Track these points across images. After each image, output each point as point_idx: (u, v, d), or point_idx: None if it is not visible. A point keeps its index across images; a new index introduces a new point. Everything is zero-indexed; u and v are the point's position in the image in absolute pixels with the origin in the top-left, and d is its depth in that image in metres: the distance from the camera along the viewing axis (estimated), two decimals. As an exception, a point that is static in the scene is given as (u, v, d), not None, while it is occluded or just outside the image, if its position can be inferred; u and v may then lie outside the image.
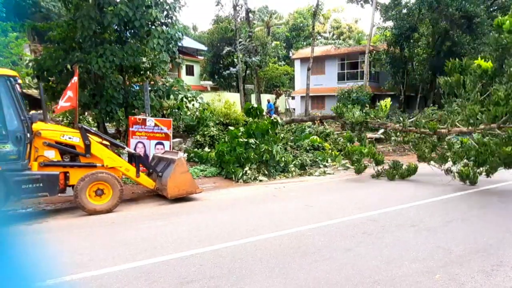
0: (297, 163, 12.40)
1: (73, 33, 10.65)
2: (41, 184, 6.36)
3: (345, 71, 29.16)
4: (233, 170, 10.84)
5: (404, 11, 22.36)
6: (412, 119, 21.01)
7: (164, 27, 11.35)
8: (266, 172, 11.18)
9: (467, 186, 8.42)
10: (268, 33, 43.67)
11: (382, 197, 7.62)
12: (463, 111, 8.30)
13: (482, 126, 8.02)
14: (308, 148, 14.40)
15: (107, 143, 7.69)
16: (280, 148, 13.66)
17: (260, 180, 10.69)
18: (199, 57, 40.36)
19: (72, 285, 3.74)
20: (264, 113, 15.56)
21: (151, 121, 10.63)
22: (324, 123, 19.60)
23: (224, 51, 26.40)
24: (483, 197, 7.28)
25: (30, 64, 11.87)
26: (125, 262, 4.23)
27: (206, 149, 13.37)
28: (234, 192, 9.02)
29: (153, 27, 11.30)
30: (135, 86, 13.69)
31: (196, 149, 13.20)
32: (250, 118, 13.04)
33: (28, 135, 6.26)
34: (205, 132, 14.07)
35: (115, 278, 3.82)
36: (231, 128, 12.50)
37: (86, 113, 14.99)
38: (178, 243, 4.87)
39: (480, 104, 7.95)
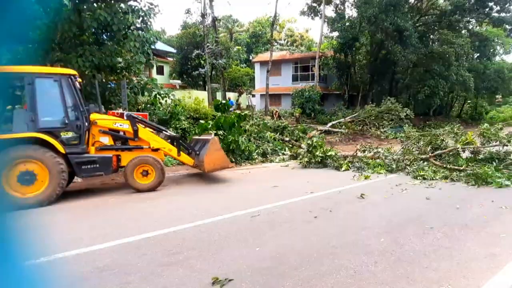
0: (259, 151, 12.57)
1: (52, 35, 10.00)
2: (97, 165, 6.76)
3: (298, 73, 29.68)
4: (203, 158, 10.74)
5: (348, 23, 23.12)
6: (354, 115, 21.85)
7: (140, 31, 10.97)
8: (233, 160, 11.23)
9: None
10: (231, 39, 43.29)
11: (331, 180, 7.96)
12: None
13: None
14: (271, 140, 14.60)
15: (151, 128, 7.99)
16: (245, 138, 13.76)
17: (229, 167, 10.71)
18: (168, 58, 39.10)
19: (65, 261, 3.60)
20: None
21: (128, 114, 10.26)
22: (281, 117, 19.93)
23: (194, 54, 25.79)
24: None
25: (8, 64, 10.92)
26: (114, 239, 4.13)
27: (180, 140, 13.12)
28: (205, 176, 8.97)
29: (130, 31, 10.89)
30: (111, 84, 13.12)
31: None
32: (219, 113, 12.98)
33: (86, 124, 6.68)
34: (177, 125, 13.77)
35: (106, 253, 3.73)
36: (202, 121, 12.35)
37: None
38: (162, 221, 4.82)
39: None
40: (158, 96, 14.18)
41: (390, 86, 27.49)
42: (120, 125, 7.28)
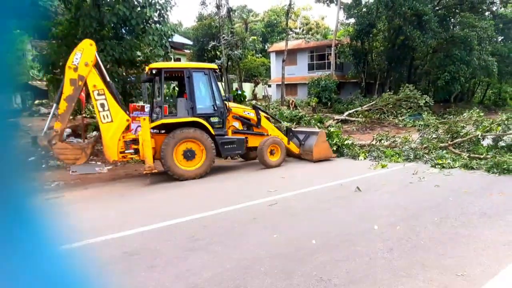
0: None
1: (74, 30, 10.29)
2: (235, 145, 7.97)
3: (314, 62, 29.25)
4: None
5: (364, 9, 22.48)
6: (371, 103, 21.45)
7: (157, 25, 11.12)
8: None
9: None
10: (246, 29, 43.01)
11: (348, 169, 7.95)
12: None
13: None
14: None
15: (268, 119, 9.12)
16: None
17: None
18: (185, 50, 39.35)
19: (96, 246, 3.83)
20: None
21: (149, 107, 10.52)
22: (298, 107, 19.83)
23: (210, 46, 25.80)
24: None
25: (36, 59, 11.38)
26: (141, 226, 4.34)
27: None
28: (222, 166, 9.14)
29: (148, 25, 11.06)
30: (131, 78, 13.42)
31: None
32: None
33: (226, 110, 7.94)
34: (196, 117, 14.01)
35: (134, 239, 3.94)
36: None
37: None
38: (186, 208, 5.01)
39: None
40: (177, 88, 14.41)
41: (409, 73, 26.72)
42: (248, 113, 8.58)
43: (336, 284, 2.75)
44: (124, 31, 11.65)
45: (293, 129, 9.87)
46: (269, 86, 32.85)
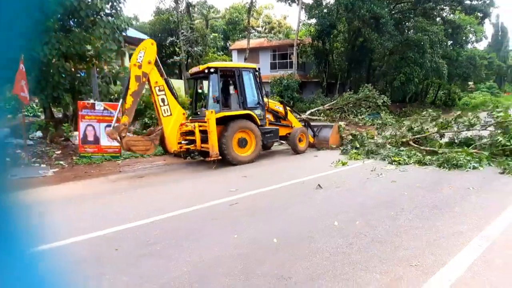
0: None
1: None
2: (272, 134, 9.48)
3: (277, 61, 29.69)
4: (181, 149, 10.69)
5: (325, 10, 23.24)
6: (332, 102, 22.16)
7: (109, 17, 10.60)
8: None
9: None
10: (207, 26, 42.55)
11: (309, 167, 8.13)
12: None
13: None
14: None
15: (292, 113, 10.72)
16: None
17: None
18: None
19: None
20: None
21: (100, 105, 10.00)
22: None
23: (168, 41, 25.13)
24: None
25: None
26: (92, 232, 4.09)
27: (155, 131, 12.93)
28: (176, 168, 8.93)
29: (99, 17, 10.49)
30: (81, 73, 12.69)
31: (144, 131, 12.71)
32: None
33: (265, 104, 9.45)
34: (153, 115, 13.56)
35: (83, 246, 3.70)
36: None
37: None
38: (138, 212, 4.80)
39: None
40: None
41: (368, 74, 28.05)
42: (278, 107, 10.17)
43: (296, 282, 2.77)
44: (72, 23, 10.98)
45: (316, 123, 11.98)
46: (231, 85, 32.87)
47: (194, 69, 9.45)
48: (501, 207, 4.33)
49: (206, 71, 8.54)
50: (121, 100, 7.70)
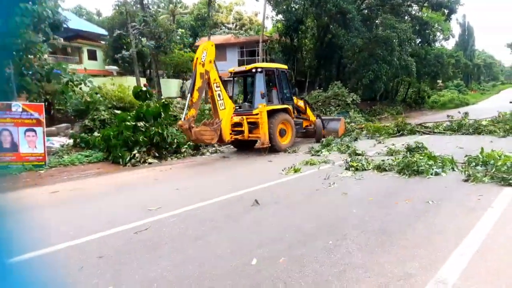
0: (191, 143, 11.47)
1: None
2: (299, 126, 11.06)
3: (245, 58, 28.71)
4: (120, 154, 9.47)
5: (292, 5, 22.48)
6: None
7: (28, 4, 9.18)
8: (158, 154, 10.05)
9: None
10: (174, 21, 40.89)
11: (257, 175, 7.18)
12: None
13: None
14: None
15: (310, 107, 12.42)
16: (176, 130, 12.56)
17: (150, 163, 9.54)
18: (102, 42, 35.93)
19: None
20: None
21: (17, 106, 8.58)
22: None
23: (114, 34, 23.48)
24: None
25: None
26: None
27: (96, 133, 11.57)
28: (115, 177, 7.75)
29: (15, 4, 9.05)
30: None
31: (84, 134, 11.33)
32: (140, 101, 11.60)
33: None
34: (95, 116, 12.18)
35: None
36: (118, 112, 10.95)
37: None
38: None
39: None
40: (70, 83, 12.41)
41: (338, 71, 27.59)
42: (300, 103, 11.62)
43: None
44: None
45: (325, 117, 13.35)
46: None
47: (238, 68, 11.03)
48: (462, 232, 3.50)
49: (254, 70, 10.07)
50: (188, 95, 8.79)
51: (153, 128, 10.21)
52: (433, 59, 28.56)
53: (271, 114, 9.65)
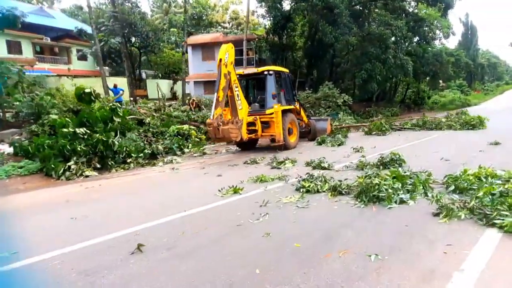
0: (147, 152, 10.13)
1: None
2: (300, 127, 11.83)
3: (234, 57, 27.27)
4: (53, 165, 8.15)
5: (279, 0, 21.03)
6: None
7: None
8: (98, 166, 8.72)
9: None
10: (169, 21, 39.69)
11: (190, 194, 5.80)
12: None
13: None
14: (173, 134, 12.24)
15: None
16: (136, 136, 11.24)
17: (87, 176, 8.21)
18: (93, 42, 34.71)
19: None
20: (113, 100, 12.83)
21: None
22: (201, 107, 17.54)
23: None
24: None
25: None
26: None
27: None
28: (22, 197, 6.40)
29: None
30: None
31: (26, 142, 10.02)
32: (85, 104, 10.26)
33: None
34: (45, 121, 10.87)
35: None
36: (54, 117, 9.63)
37: None
38: None
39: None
40: (20, 84, 11.12)
41: (331, 71, 26.09)
42: (296, 105, 11.65)
43: None
44: None
45: (315, 118, 14.27)
46: (188, 83, 30.16)
47: (248, 71, 11.21)
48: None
49: (266, 73, 10.43)
50: (215, 94, 8.90)
51: (97, 135, 8.89)
52: (431, 58, 26.87)
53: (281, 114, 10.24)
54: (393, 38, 22.86)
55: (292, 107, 11.14)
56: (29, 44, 29.24)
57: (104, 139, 8.86)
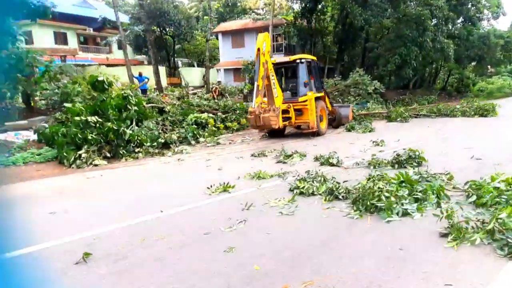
0: (160, 141, 9.86)
1: None
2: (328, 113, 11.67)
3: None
4: (65, 153, 8.10)
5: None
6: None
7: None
8: (109, 155, 8.56)
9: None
10: (203, 9, 39.28)
11: (180, 192, 5.31)
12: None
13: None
14: (191, 123, 11.88)
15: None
16: (153, 125, 11.03)
17: (96, 165, 8.06)
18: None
19: None
20: (137, 88, 12.65)
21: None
22: (224, 95, 17.03)
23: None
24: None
25: None
26: None
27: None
28: (29, 185, 6.32)
29: None
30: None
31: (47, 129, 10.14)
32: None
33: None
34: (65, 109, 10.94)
35: None
36: (68, 105, 9.56)
37: None
38: None
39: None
40: (47, 73, 11.28)
41: (363, 57, 24.22)
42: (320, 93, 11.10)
43: None
44: None
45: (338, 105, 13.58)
46: (218, 71, 29.77)
47: (280, 59, 11.07)
48: None
49: (298, 61, 10.33)
50: (255, 83, 9.02)
51: (108, 123, 8.71)
52: (477, 40, 23.91)
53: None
54: (433, 20, 20.56)
55: (322, 94, 11.05)
56: (74, 35, 30.37)
57: (115, 127, 8.66)
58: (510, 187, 3.81)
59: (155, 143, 9.63)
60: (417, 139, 9.19)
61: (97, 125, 8.60)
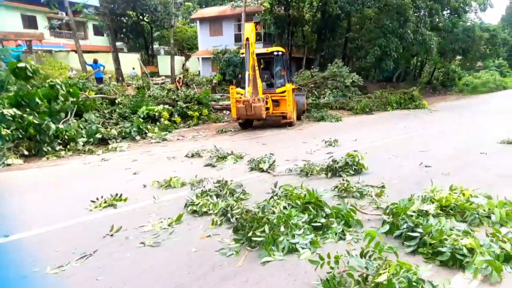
0: (97, 137, 8.87)
1: None
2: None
3: (241, 32, 25.07)
4: (-28, 152, 7.08)
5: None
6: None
7: None
8: (27, 152, 7.55)
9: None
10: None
11: (49, 210, 4.38)
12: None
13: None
14: (142, 116, 10.85)
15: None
16: (95, 118, 10.03)
17: (8, 165, 7.06)
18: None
19: None
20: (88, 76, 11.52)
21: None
22: (190, 85, 15.95)
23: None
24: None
25: None
26: None
27: None
28: None
29: None
30: None
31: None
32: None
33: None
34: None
35: None
36: None
37: None
38: None
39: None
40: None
41: (344, 48, 23.22)
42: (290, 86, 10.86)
43: None
44: None
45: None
46: (198, 59, 28.47)
47: (259, 50, 10.61)
48: None
49: (275, 53, 10.43)
50: (246, 73, 8.99)
51: (29, 117, 7.68)
52: (461, 33, 23.02)
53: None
54: (416, 11, 19.60)
55: (294, 86, 11.31)
56: (44, 18, 28.68)
57: (36, 121, 7.64)
58: (428, 216, 2.96)
59: (91, 139, 8.67)
60: (379, 138, 8.38)
61: (14, 118, 7.57)
